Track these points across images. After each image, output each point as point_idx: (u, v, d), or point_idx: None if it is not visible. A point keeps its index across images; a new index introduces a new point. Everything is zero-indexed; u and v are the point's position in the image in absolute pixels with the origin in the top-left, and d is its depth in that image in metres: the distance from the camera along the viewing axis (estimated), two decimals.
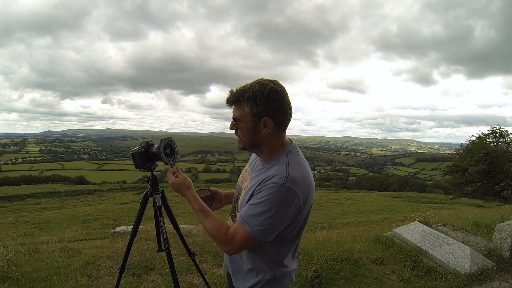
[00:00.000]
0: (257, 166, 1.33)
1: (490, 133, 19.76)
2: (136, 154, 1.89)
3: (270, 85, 1.17)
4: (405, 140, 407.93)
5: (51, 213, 23.27)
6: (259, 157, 1.32)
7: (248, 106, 1.18)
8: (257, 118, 1.19)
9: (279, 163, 1.21)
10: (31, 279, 2.80)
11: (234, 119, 1.24)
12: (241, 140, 1.27)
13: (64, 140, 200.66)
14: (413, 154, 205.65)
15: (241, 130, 1.24)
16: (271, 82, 1.19)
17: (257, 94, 1.16)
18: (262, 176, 1.21)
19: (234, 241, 1.20)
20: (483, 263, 3.31)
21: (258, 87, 1.16)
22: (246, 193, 1.26)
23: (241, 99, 1.19)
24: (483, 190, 19.29)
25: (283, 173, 1.15)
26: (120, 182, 61.95)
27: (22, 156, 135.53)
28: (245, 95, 1.17)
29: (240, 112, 1.21)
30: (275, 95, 1.17)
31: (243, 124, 1.22)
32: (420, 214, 4.88)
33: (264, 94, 1.16)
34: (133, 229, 2.07)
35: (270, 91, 1.16)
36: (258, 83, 1.18)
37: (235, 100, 1.20)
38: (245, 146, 1.28)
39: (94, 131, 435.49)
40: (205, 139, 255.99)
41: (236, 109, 1.22)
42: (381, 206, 22.92)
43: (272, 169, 1.21)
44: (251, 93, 1.16)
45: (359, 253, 3.77)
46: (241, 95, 1.18)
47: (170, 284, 2.86)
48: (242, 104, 1.19)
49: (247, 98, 1.17)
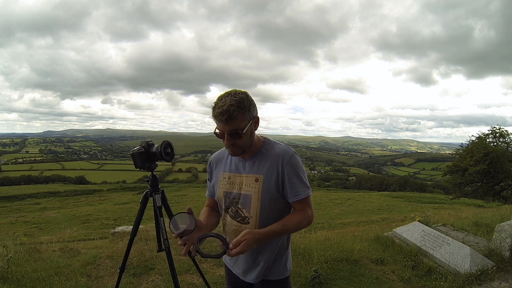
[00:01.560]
0: (245, 164, 1.46)
1: (490, 133, 19.74)
2: (136, 154, 1.90)
3: (240, 91, 1.36)
4: (405, 140, 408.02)
5: (51, 213, 23.28)
6: (245, 155, 1.45)
7: (246, 113, 1.34)
8: (252, 120, 1.38)
9: (271, 146, 1.46)
10: (31, 279, 2.80)
11: (235, 131, 1.34)
12: (239, 146, 1.38)
13: (64, 140, 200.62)
14: (413, 154, 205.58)
15: (245, 137, 1.37)
16: (236, 90, 1.37)
17: (244, 100, 1.33)
18: (267, 163, 1.41)
19: (311, 212, 1.44)
20: (483, 263, 3.31)
21: (237, 95, 1.32)
22: (266, 184, 1.40)
23: (236, 112, 1.30)
24: (483, 190, 19.27)
25: (284, 148, 1.45)
26: (120, 182, 61.96)
27: (22, 156, 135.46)
28: (239, 106, 1.31)
29: (239, 123, 1.33)
30: (250, 96, 1.38)
31: (246, 131, 1.35)
32: (420, 214, 4.88)
33: (247, 98, 1.35)
34: (133, 229, 2.07)
35: (247, 95, 1.36)
36: (231, 94, 1.33)
37: (233, 115, 1.30)
38: (244, 151, 1.41)
39: (94, 131, 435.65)
40: (205, 139, 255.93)
41: (234, 122, 1.32)
42: (381, 206, 22.93)
43: (269, 154, 1.43)
44: (240, 102, 1.31)
45: (359, 253, 3.77)
46: (235, 109, 1.30)
47: (170, 284, 2.86)
48: (239, 115, 1.32)
49: (242, 108, 1.32)
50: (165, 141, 1.88)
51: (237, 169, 1.48)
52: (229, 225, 1.50)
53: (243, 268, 1.52)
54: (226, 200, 1.50)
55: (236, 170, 1.49)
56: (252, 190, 1.42)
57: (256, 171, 1.43)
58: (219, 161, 1.58)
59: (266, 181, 1.40)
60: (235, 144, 1.37)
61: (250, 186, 1.43)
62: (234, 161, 1.50)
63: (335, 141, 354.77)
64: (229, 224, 1.49)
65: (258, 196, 1.40)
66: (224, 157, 1.56)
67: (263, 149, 1.46)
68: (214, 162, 1.60)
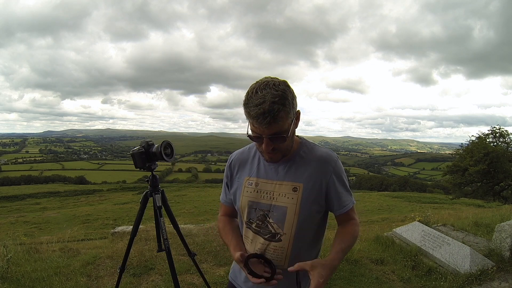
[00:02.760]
0: (277, 168, 1.19)
1: (490, 133, 19.76)
2: (136, 154, 1.90)
3: (279, 80, 1.07)
4: (405, 140, 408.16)
5: (51, 213, 23.28)
6: (283, 159, 1.17)
7: (290, 111, 1.06)
8: (294, 117, 1.10)
9: (310, 148, 1.21)
10: (31, 279, 2.80)
11: (278, 135, 1.06)
12: (281, 151, 1.12)
13: (64, 140, 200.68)
14: (413, 154, 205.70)
15: (289, 139, 1.11)
16: (273, 78, 1.09)
17: (287, 94, 1.04)
18: (308, 170, 1.16)
19: (357, 218, 1.26)
20: (483, 263, 3.30)
21: (279, 88, 1.03)
22: (306, 194, 1.14)
23: (281, 112, 1.02)
24: (483, 190, 19.28)
25: (327, 151, 1.21)
26: (120, 182, 61.99)
27: (22, 156, 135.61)
28: (284, 103, 1.03)
29: (283, 124, 1.05)
30: (290, 87, 1.08)
31: (292, 128, 1.09)
32: (420, 214, 4.87)
33: (289, 90, 1.06)
34: (133, 229, 2.07)
35: (287, 85, 1.07)
36: (270, 85, 1.04)
37: (277, 117, 1.02)
38: (284, 155, 1.15)
39: (94, 131, 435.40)
40: (205, 139, 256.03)
41: (278, 124, 1.04)
42: (381, 206, 22.91)
43: (310, 159, 1.18)
44: (284, 98, 1.03)
45: (359, 253, 3.77)
46: (280, 107, 1.02)
47: (170, 284, 2.86)
48: (284, 115, 1.04)
49: (287, 105, 1.04)
50: (165, 141, 1.89)
51: (267, 175, 1.19)
52: (252, 242, 1.19)
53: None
54: (250, 211, 1.20)
55: (266, 176, 1.19)
56: (287, 201, 1.14)
57: (294, 178, 1.15)
58: (242, 163, 1.27)
59: (306, 191, 1.14)
60: (275, 148, 1.10)
61: (285, 196, 1.14)
62: (263, 163, 1.21)
63: (335, 141, 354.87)
64: (252, 241, 1.19)
65: (296, 209, 1.13)
66: (249, 158, 1.26)
67: (301, 151, 1.19)
68: (237, 163, 1.28)
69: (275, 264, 1.13)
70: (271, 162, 1.17)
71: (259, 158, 1.23)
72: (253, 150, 1.27)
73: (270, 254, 1.15)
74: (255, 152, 1.26)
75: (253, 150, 1.27)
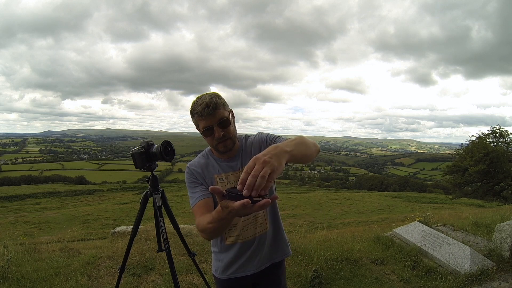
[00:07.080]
0: (233, 162, 1.48)
1: (490, 133, 19.74)
2: (136, 154, 1.90)
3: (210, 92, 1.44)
4: (405, 140, 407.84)
5: (51, 213, 23.25)
6: (230, 154, 1.46)
7: (225, 104, 1.40)
8: (230, 111, 1.44)
9: (245, 139, 1.54)
10: (31, 279, 2.80)
11: (223, 120, 1.36)
12: (230, 137, 1.41)
13: (64, 140, 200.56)
14: (413, 154, 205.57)
15: (232, 125, 1.42)
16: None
17: (218, 96, 1.39)
18: (253, 152, 1.45)
19: None
20: (483, 263, 3.30)
21: (212, 94, 1.39)
22: None
23: (219, 101, 1.36)
24: (483, 190, 19.27)
25: (256, 134, 1.55)
26: (120, 182, 61.89)
27: (22, 156, 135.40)
28: (218, 100, 1.36)
29: (223, 112, 1.37)
30: None
31: (231, 119, 1.42)
32: (420, 214, 4.88)
33: (219, 95, 1.40)
34: (133, 229, 2.07)
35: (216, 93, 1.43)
36: (204, 94, 1.40)
37: (217, 104, 1.35)
38: (234, 142, 1.44)
39: (94, 131, 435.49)
40: None
41: (220, 112, 1.35)
42: (381, 206, 22.89)
43: (249, 145, 1.50)
44: (216, 96, 1.38)
45: (359, 253, 3.77)
46: (216, 101, 1.35)
47: (170, 284, 2.86)
48: (221, 105, 1.37)
49: (220, 98, 1.39)
50: (165, 141, 1.88)
51: (230, 168, 1.47)
52: (240, 220, 1.46)
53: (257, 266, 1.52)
54: None
55: (229, 169, 1.47)
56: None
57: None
58: (204, 166, 1.48)
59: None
60: (225, 134, 1.38)
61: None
62: (221, 163, 1.48)
63: (335, 141, 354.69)
64: (240, 219, 1.45)
65: None
66: (208, 162, 1.50)
67: (242, 145, 1.52)
68: (198, 168, 1.48)
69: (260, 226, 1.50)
70: (226, 150, 1.42)
71: (216, 160, 1.49)
72: (206, 155, 1.52)
73: None
74: (208, 155, 1.51)
75: (207, 155, 1.52)
